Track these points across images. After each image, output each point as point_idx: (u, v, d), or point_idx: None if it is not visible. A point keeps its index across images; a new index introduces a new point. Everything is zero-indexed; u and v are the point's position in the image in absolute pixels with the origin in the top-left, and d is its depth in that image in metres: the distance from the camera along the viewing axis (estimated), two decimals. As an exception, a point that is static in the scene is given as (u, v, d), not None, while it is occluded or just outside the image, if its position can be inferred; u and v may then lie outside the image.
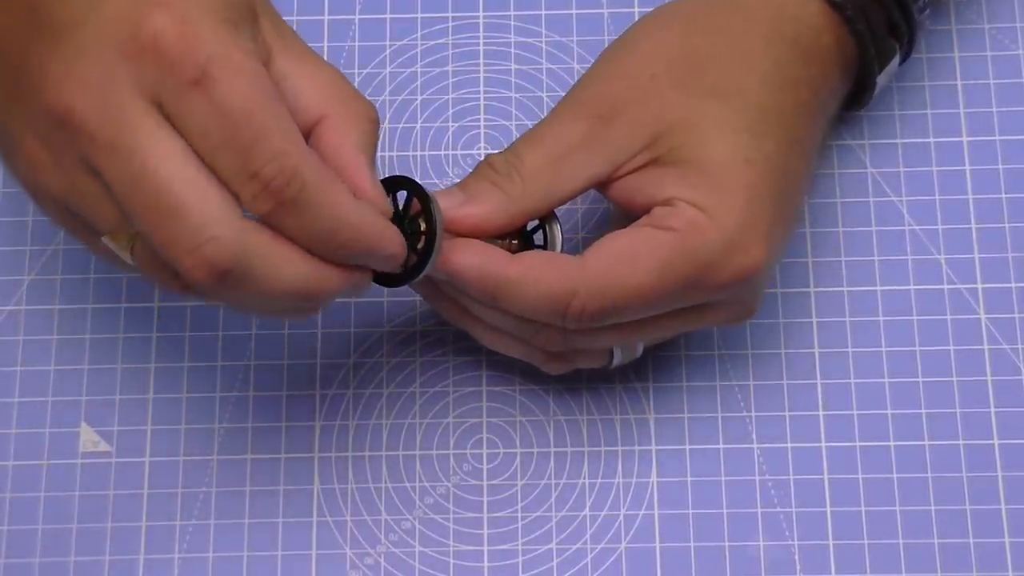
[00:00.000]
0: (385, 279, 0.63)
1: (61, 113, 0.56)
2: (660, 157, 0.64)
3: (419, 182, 0.63)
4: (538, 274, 0.63)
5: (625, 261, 0.63)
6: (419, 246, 0.63)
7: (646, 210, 0.64)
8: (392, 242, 0.60)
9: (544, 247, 0.66)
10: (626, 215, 0.66)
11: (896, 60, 0.70)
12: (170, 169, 0.56)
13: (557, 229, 0.67)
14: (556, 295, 0.63)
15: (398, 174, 0.64)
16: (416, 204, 0.63)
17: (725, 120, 0.64)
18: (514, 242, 0.66)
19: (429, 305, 0.69)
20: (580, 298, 0.63)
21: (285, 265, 0.58)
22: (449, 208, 0.64)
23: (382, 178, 0.64)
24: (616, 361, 0.68)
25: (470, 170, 0.73)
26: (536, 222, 0.67)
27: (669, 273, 0.63)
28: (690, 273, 0.63)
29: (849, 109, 0.72)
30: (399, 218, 0.63)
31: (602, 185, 0.65)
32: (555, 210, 0.66)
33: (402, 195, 0.63)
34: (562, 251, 0.66)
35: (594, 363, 0.68)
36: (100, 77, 0.56)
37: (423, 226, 0.62)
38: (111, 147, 0.56)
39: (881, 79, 0.70)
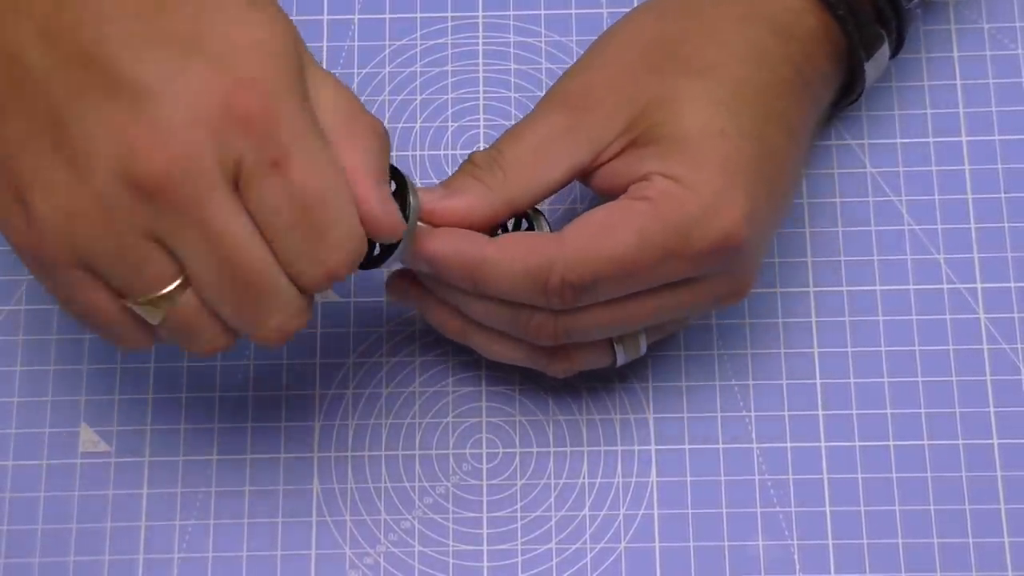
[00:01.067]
0: (362, 262, 0.63)
1: (142, 179, 0.56)
2: (638, 138, 0.65)
3: (399, 169, 0.64)
4: (515, 251, 0.64)
5: (602, 231, 0.63)
6: None
7: (625, 190, 0.65)
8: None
9: None
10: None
11: (885, 50, 0.70)
12: (256, 251, 0.58)
13: (544, 224, 0.67)
14: (534, 270, 0.63)
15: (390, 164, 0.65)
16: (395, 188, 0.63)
17: (699, 94, 0.65)
18: None
19: (428, 322, 0.69)
20: (558, 271, 0.63)
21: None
22: (430, 201, 0.64)
23: None
24: (620, 360, 0.68)
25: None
26: (525, 221, 0.67)
27: (646, 240, 0.63)
28: (668, 240, 0.63)
29: (844, 101, 0.72)
30: None
31: (585, 175, 0.66)
32: (541, 208, 0.67)
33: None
34: None
35: (597, 362, 0.68)
36: (188, 149, 0.56)
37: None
38: (198, 223, 0.57)
39: (871, 69, 0.70)
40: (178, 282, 0.58)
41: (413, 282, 0.68)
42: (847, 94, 0.72)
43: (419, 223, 0.64)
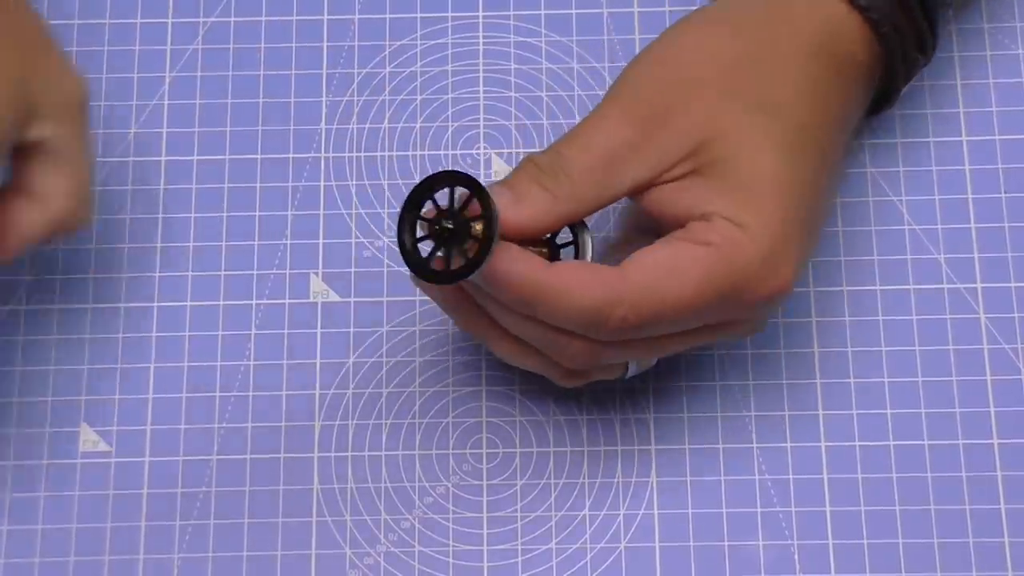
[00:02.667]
0: (430, 275, 0.61)
1: None
2: (701, 167, 0.63)
3: (479, 181, 0.61)
4: (581, 283, 0.62)
5: (668, 273, 0.62)
6: (466, 246, 0.61)
7: (680, 222, 0.63)
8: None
9: (576, 256, 0.65)
10: (654, 224, 0.65)
11: (919, 74, 0.70)
12: None
13: (588, 238, 0.65)
14: (600, 306, 0.62)
15: (457, 170, 0.63)
16: (465, 200, 0.61)
17: (767, 136, 0.64)
18: (544, 250, 0.65)
19: (446, 314, 0.67)
20: (623, 309, 0.62)
21: None
22: (502, 208, 0.62)
23: (441, 171, 0.62)
24: (631, 372, 0.68)
25: (470, 170, 0.74)
26: (569, 231, 0.66)
27: (709, 288, 0.62)
28: (728, 290, 0.63)
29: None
30: (451, 214, 0.61)
31: (639, 191, 0.64)
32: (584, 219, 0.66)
33: (448, 192, 0.61)
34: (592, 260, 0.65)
35: (610, 375, 0.68)
36: None
37: (474, 227, 0.61)
38: None
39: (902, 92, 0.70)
40: None
41: None
42: (868, 112, 0.71)
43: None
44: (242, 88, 0.77)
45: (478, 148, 0.76)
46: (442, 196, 0.62)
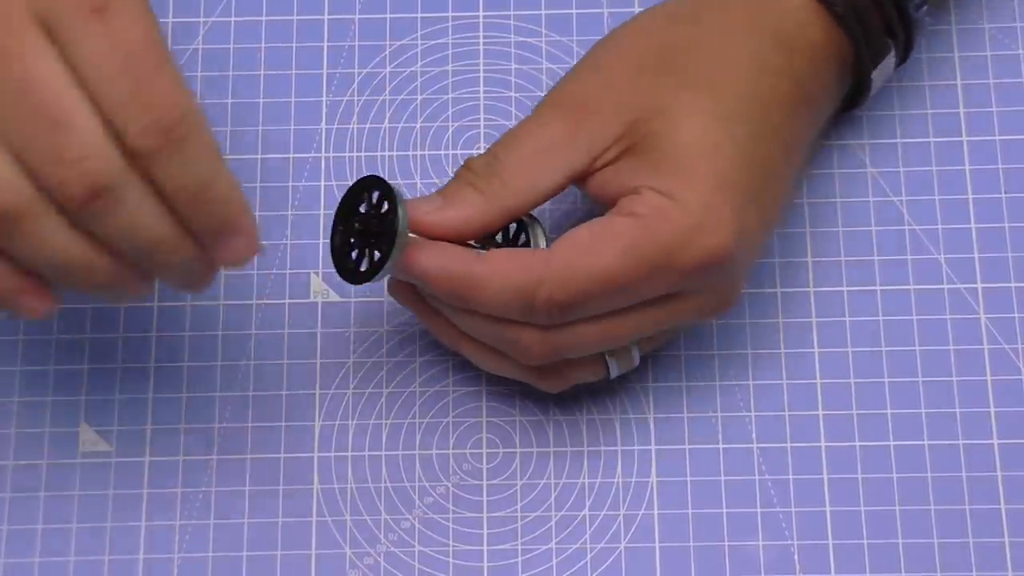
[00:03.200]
0: (349, 275, 0.64)
1: None
2: (633, 146, 0.64)
3: (390, 182, 0.64)
4: (503, 268, 0.63)
5: (590, 248, 0.63)
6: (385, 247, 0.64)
7: (616, 202, 0.65)
8: (248, 225, 0.59)
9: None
10: (604, 211, 0.66)
11: (891, 58, 0.70)
12: (59, 84, 0.55)
13: (539, 231, 0.67)
14: (522, 287, 0.63)
15: (373, 174, 0.65)
16: (378, 202, 0.64)
17: (696, 107, 0.64)
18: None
19: (427, 329, 0.69)
20: (546, 287, 0.63)
21: (152, 212, 0.57)
22: (428, 212, 0.64)
23: (359, 178, 0.65)
24: (613, 372, 0.68)
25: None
26: (519, 228, 0.67)
27: (633, 256, 0.63)
28: (655, 256, 0.63)
29: (848, 109, 0.72)
30: (371, 217, 0.64)
31: (581, 180, 0.66)
32: (536, 213, 0.67)
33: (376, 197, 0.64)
34: None
35: (590, 377, 0.68)
36: None
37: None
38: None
39: (877, 77, 0.70)
40: None
41: (413, 288, 0.67)
42: (851, 103, 0.72)
43: (412, 235, 0.64)
44: (242, 88, 0.77)
45: (478, 148, 0.76)
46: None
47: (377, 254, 0.64)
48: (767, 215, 0.66)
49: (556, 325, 0.64)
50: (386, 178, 0.68)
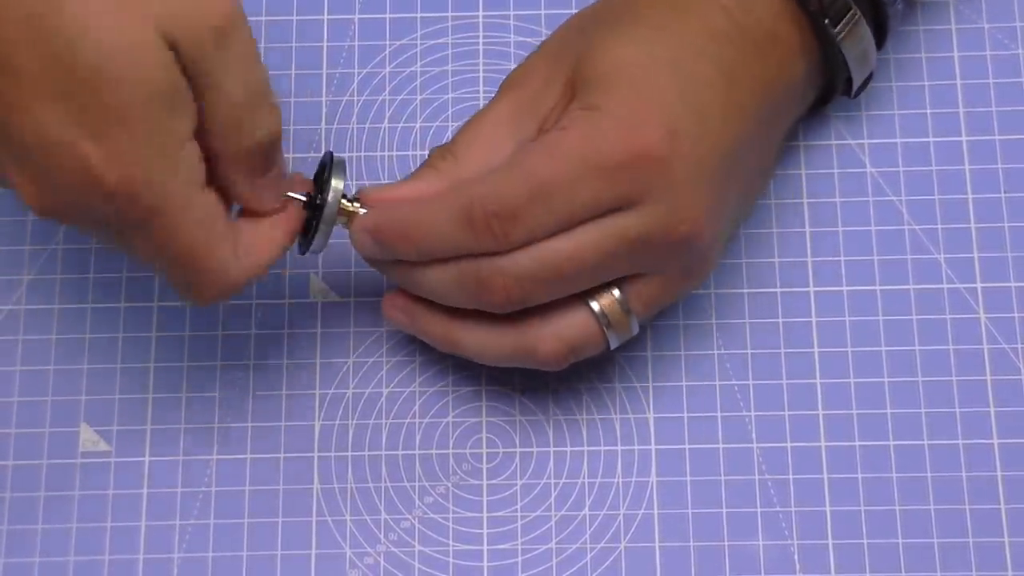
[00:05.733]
0: (299, 247, 0.67)
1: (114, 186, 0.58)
2: (571, 93, 0.65)
3: (338, 156, 0.66)
4: (436, 198, 0.65)
5: (517, 159, 0.64)
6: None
7: None
8: (281, 161, 0.65)
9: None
10: None
11: (865, 31, 0.69)
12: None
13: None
14: (457, 207, 0.64)
15: (329, 150, 0.68)
16: (321, 173, 0.66)
17: (617, 38, 0.65)
18: None
19: (422, 339, 0.70)
20: (479, 201, 0.63)
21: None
22: (379, 190, 0.66)
23: (324, 152, 0.68)
24: (613, 343, 0.67)
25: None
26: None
27: (559, 155, 0.63)
28: (581, 152, 0.63)
29: (838, 93, 0.72)
30: (319, 191, 0.66)
31: None
32: None
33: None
34: None
35: (585, 342, 0.67)
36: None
37: (344, 204, 0.66)
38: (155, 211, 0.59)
39: (853, 56, 0.69)
40: None
41: (402, 302, 0.68)
42: (836, 81, 0.71)
43: (362, 208, 0.66)
44: (242, 88, 0.77)
45: (478, 148, 0.76)
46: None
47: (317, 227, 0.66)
48: (711, 126, 0.65)
49: (511, 250, 0.64)
50: (345, 157, 0.70)
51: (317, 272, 0.74)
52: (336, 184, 0.65)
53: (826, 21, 0.68)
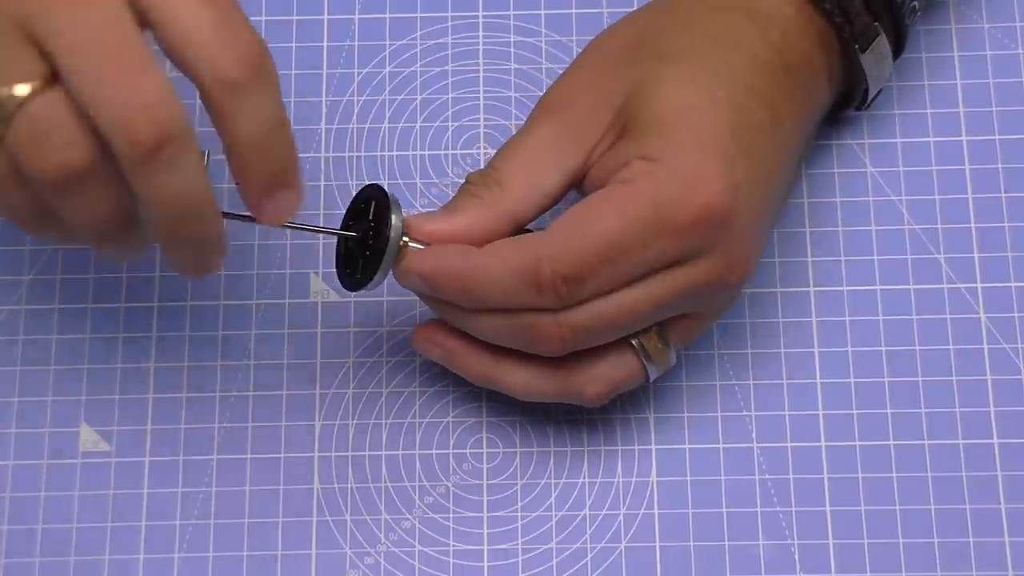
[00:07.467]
0: (345, 282, 0.66)
1: None
2: (622, 130, 0.65)
3: (389, 193, 0.65)
4: (502, 252, 0.64)
5: (585, 218, 0.63)
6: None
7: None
8: (299, 179, 0.60)
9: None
10: None
11: (883, 43, 0.70)
12: (135, 35, 0.56)
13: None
14: (523, 267, 0.63)
15: (374, 183, 0.66)
16: (375, 211, 0.65)
17: (670, 76, 0.65)
18: None
19: (465, 377, 0.69)
20: (548, 264, 0.63)
21: (204, 175, 0.58)
22: (427, 222, 0.65)
23: (361, 186, 0.66)
24: (652, 375, 0.68)
25: (470, 170, 0.74)
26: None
27: (629, 218, 0.63)
28: (649, 214, 0.63)
29: (852, 102, 0.72)
30: (369, 226, 0.65)
31: (582, 178, 0.66)
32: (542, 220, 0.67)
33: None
34: None
35: (626, 377, 0.67)
36: None
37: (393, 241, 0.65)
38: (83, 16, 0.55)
39: (872, 65, 0.70)
40: (36, 83, 0.56)
41: (439, 337, 0.68)
42: (851, 99, 0.71)
43: (414, 244, 0.65)
44: (242, 88, 0.77)
45: (478, 148, 0.76)
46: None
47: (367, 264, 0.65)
48: (763, 171, 0.66)
49: (569, 306, 0.64)
50: (385, 186, 0.68)
51: (317, 272, 0.74)
52: (396, 222, 0.64)
53: (856, 46, 0.69)
